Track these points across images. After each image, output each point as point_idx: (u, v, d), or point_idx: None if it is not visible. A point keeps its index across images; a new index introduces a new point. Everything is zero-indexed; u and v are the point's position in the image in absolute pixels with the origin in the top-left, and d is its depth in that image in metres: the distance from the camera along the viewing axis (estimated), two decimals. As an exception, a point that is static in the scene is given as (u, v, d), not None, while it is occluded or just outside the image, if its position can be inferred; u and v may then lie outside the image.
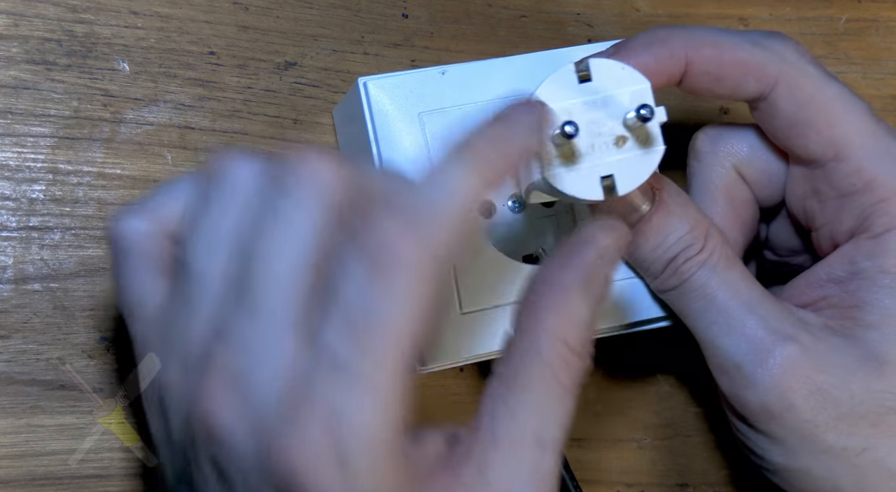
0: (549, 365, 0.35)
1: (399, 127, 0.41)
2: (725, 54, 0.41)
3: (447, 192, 0.33)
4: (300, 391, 0.32)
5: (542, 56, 0.42)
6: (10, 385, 0.41)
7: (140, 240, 0.36)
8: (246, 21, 0.46)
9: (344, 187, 0.33)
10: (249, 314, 0.33)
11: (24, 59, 0.43)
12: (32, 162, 0.43)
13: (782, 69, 0.41)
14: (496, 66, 0.42)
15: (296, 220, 0.33)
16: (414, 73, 0.41)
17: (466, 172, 0.33)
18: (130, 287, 0.36)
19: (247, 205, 0.34)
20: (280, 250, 0.33)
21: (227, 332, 0.33)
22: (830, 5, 0.53)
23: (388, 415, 0.32)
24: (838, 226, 0.42)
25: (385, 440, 0.31)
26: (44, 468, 0.41)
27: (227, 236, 0.34)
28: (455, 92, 0.42)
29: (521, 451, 0.34)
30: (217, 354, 0.33)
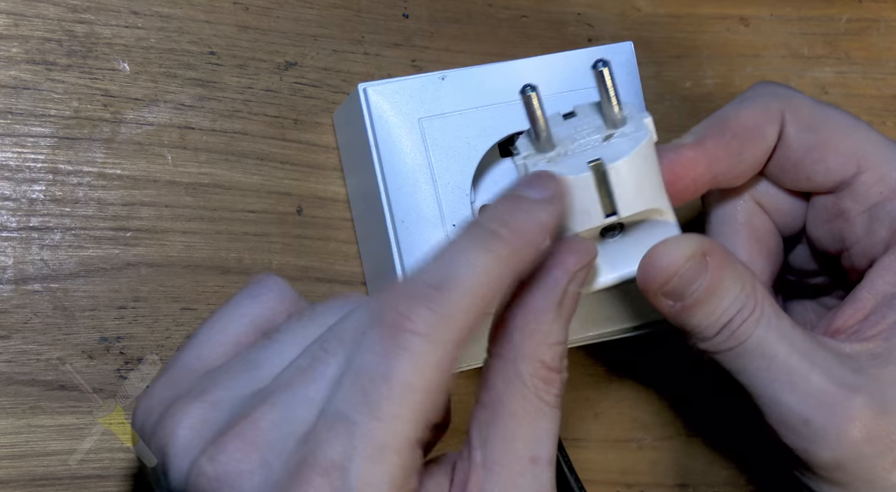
0: (532, 389, 0.36)
1: (399, 133, 0.41)
2: (741, 122, 0.41)
3: (463, 277, 0.33)
4: (311, 444, 0.32)
5: (542, 60, 0.42)
6: (10, 385, 0.41)
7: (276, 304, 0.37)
8: (246, 21, 0.46)
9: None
10: (302, 377, 0.34)
11: (24, 59, 0.43)
12: (32, 162, 0.43)
13: (782, 105, 0.42)
14: (496, 71, 0.42)
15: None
16: (413, 79, 0.41)
17: (486, 257, 0.34)
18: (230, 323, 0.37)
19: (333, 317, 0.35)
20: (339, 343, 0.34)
21: (274, 390, 0.34)
22: (831, 5, 0.53)
23: (393, 473, 0.32)
24: (872, 239, 0.42)
25: (389, 458, 0.32)
26: (44, 468, 0.41)
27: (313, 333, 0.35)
28: (455, 97, 0.42)
29: (519, 474, 0.35)
30: (251, 411, 0.33)
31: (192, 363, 0.36)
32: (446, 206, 0.41)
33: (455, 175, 0.41)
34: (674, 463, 0.49)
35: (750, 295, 0.39)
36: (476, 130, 0.41)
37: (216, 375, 0.35)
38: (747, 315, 0.39)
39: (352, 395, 0.32)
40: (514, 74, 0.42)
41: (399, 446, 0.32)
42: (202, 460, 0.33)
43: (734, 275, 0.39)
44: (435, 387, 0.33)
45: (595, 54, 0.43)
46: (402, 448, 0.32)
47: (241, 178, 0.45)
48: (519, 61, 0.42)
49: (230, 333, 0.37)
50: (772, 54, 0.52)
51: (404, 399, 0.32)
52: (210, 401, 0.34)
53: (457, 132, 0.41)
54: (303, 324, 0.36)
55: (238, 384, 0.35)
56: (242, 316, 0.37)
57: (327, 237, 0.46)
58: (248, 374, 0.35)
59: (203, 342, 0.37)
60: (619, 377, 0.49)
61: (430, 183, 0.41)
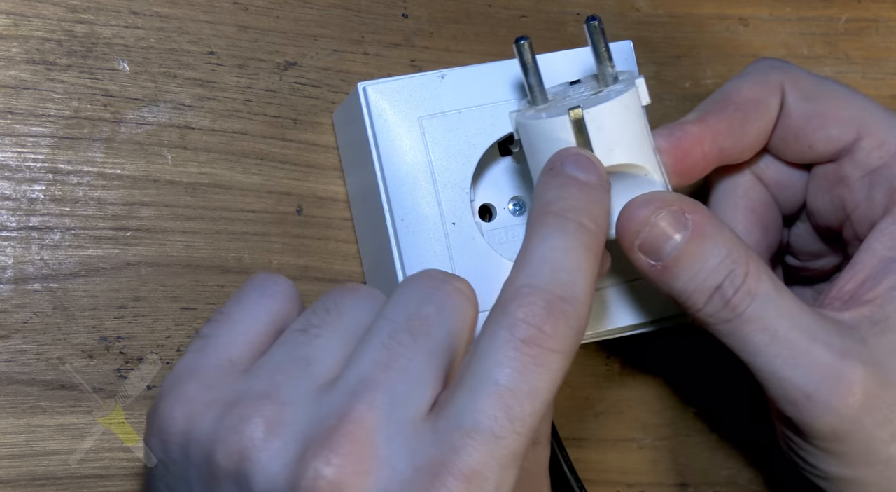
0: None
1: (399, 131, 0.41)
2: (742, 95, 0.42)
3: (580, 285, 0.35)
4: (446, 449, 0.33)
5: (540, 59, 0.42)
6: (10, 385, 0.41)
7: (285, 300, 0.38)
8: (246, 21, 0.46)
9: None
10: (392, 373, 0.34)
11: (24, 59, 0.43)
12: (32, 162, 0.43)
13: (781, 76, 0.42)
14: (495, 70, 0.42)
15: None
16: (413, 78, 0.41)
17: (591, 259, 0.35)
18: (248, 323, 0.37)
19: (376, 306, 0.36)
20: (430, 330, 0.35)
21: (365, 388, 0.34)
22: (830, 5, 0.53)
23: (516, 476, 0.33)
24: (871, 203, 0.42)
25: (513, 470, 0.33)
26: (44, 468, 0.41)
27: (357, 320, 0.36)
28: (454, 96, 0.42)
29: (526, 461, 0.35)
30: (351, 410, 0.33)
31: (225, 365, 0.36)
32: (446, 204, 0.41)
33: (455, 174, 0.41)
34: (674, 463, 0.49)
35: (738, 262, 0.39)
36: (476, 129, 0.41)
37: (268, 374, 0.35)
38: (739, 284, 0.38)
39: (491, 408, 0.33)
40: (513, 73, 0.42)
41: (522, 453, 0.33)
42: (316, 464, 0.32)
43: (718, 237, 0.39)
44: (552, 399, 0.34)
45: None
46: (525, 454, 0.34)
47: (241, 178, 0.45)
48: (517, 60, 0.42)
49: (252, 332, 0.37)
50: (771, 54, 0.52)
51: (541, 415, 0.33)
52: (280, 402, 0.34)
53: (456, 131, 0.41)
54: (333, 318, 0.36)
55: (301, 382, 0.34)
56: (263, 314, 0.37)
57: (327, 237, 0.46)
58: (304, 371, 0.35)
59: (229, 343, 0.36)
60: (620, 377, 0.49)
61: (429, 182, 0.41)
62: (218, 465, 0.34)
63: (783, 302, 0.39)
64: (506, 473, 0.33)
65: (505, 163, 0.44)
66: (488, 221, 0.43)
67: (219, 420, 0.34)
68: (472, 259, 0.40)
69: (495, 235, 0.43)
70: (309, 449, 0.33)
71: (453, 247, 0.40)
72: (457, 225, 0.41)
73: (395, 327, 0.34)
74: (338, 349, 0.35)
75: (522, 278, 0.35)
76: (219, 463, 0.34)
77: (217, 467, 0.34)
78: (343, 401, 0.33)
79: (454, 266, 0.40)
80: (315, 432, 0.33)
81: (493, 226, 0.43)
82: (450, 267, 0.40)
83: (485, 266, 0.41)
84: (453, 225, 0.41)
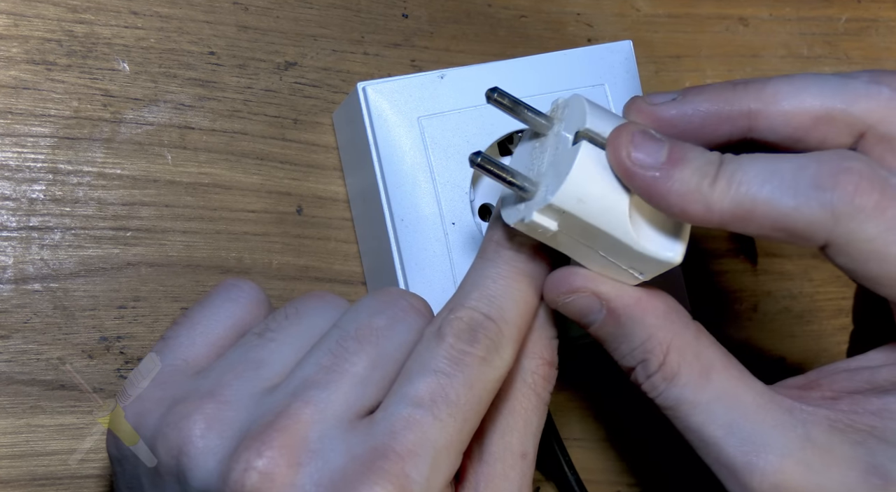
0: (531, 385, 0.38)
1: (398, 132, 0.41)
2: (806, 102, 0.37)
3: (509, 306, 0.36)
4: (380, 437, 0.33)
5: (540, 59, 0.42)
6: (10, 385, 0.41)
7: (247, 306, 0.38)
8: (246, 21, 0.46)
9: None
10: (333, 375, 0.35)
11: (24, 60, 0.43)
12: (32, 162, 0.43)
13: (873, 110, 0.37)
14: (494, 70, 0.42)
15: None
16: (412, 78, 0.41)
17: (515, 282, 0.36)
18: (211, 325, 0.38)
19: (335, 311, 0.37)
20: (377, 340, 0.36)
21: (305, 389, 0.34)
22: (830, 5, 0.53)
23: (451, 469, 0.34)
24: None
25: (452, 459, 0.34)
26: (44, 468, 0.41)
27: (313, 327, 0.37)
28: (454, 96, 0.42)
29: (510, 467, 0.37)
30: (288, 408, 0.34)
31: (180, 365, 0.37)
32: (445, 204, 0.41)
33: (454, 173, 0.41)
34: (673, 463, 0.49)
35: (654, 352, 0.37)
36: (475, 129, 0.41)
37: (218, 375, 0.36)
38: (652, 371, 0.37)
39: (427, 391, 0.34)
40: (512, 73, 0.42)
41: (460, 448, 0.34)
42: (248, 455, 0.33)
43: (635, 325, 0.37)
44: (487, 405, 0.35)
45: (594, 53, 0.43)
46: (460, 451, 0.34)
47: (241, 178, 0.45)
48: (518, 60, 0.42)
49: (212, 334, 0.38)
50: (771, 54, 0.52)
51: (472, 409, 0.34)
52: (222, 400, 0.35)
53: (456, 131, 0.41)
54: (291, 323, 0.37)
55: (247, 383, 0.35)
56: (224, 318, 0.38)
57: (327, 237, 0.46)
58: (253, 372, 0.35)
59: (187, 345, 0.37)
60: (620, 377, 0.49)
61: (429, 182, 0.41)
62: (160, 460, 0.35)
63: (702, 396, 0.37)
64: (441, 458, 0.33)
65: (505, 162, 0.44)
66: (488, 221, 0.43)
67: (162, 417, 0.35)
68: (471, 259, 0.40)
69: None
70: (243, 443, 0.33)
71: (453, 247, 0.40)
72: (457, 225, 0.41)
73: (344, 335, 0.35)
74: (290, 354, 0.36)
75: (453, 301, 0.36)
76: (160, 459, 0.35)
77: (159, 462, 0.35)
78: (283, 400, 0.34)
79: (454, 266, 0.40)
80: (252, 428, 0.34)
81: None
82: (449, 267, 0.40)
83: None
84: (453, 225, 0.41)
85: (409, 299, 0.36)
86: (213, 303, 0.38)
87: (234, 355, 0.36)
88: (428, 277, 0.40)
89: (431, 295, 0.40)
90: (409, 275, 0.40)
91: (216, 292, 0.39)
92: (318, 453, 0.33)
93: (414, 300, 0.37)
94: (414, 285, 0.40)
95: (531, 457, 0.37)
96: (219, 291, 0.39)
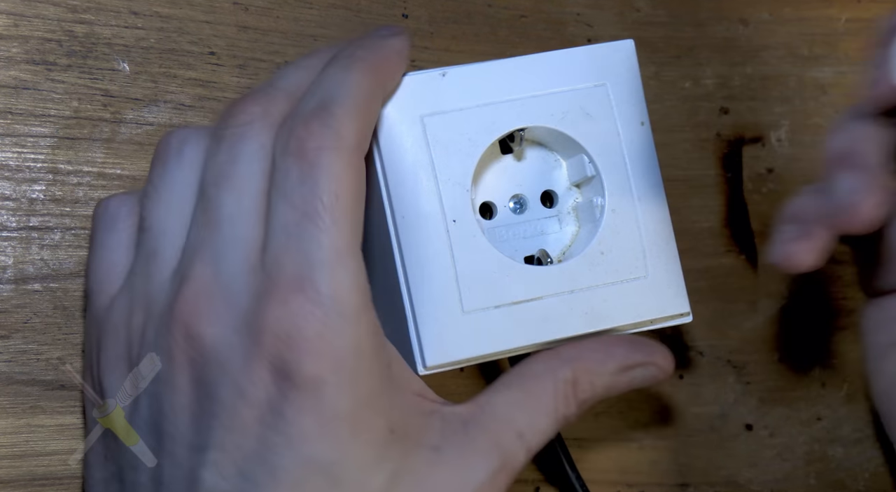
0: (554, 389, 0.39)
1: (400, 130, 0.41)
2: None
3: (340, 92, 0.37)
4: (270, 268, 0.35)
5: (544, 57, 0.42)
6: (10, 385, 0.41)
7: (122, 218, 0.40)
8: (246, 21, 0.46)
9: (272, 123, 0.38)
10: (212, 228, 0.37)
11: (24, 60, 0.43)
12: (32, 162, 0.43)
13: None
14: (497, 68, 0.42)
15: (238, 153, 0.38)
16: (414, 76, 0.41)
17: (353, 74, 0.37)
18: (102, 261, 0.40)
19: (192, 164, 0.39)
20: (230, 176, 0.37)
21: (195, 253, 0.37)
22: (830, 5, 0.53)
23: (355, 273, 0.35)
24: None
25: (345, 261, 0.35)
26: (44, 468, 0.41)
27: (180, 191, 0.38)
28: (456, 94, 0.42)
29: (503, 434, 0.37)
30: (187, 275, 0.36)
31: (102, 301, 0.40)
32: (447, 201, 0.41)
33: (455, 171, 0.41)
34: (674, 463, 0.49)
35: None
36: (477, 127, 0.41)
37: (129, 283, 0.39)
38: None
39: (291, 216, 0.35)
40: (515, 71, 0.42)
41: (350, 250, 0.35)
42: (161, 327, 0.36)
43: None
44: (354, 191, 0.36)
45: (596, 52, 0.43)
46: (352, 251, 0.35)
47: (241, 178, 0.45)
48: (520, 58, 0.42)
49: (118, 265, 0.40)
50: (771, 54, 0.52)
51: (337, 206, 0.35)
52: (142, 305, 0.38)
53: (458, 129, 0.41)
54: (160, 200, 0.39)
55: (153, 276, 0.38)
56: (117, 246, 0.40)
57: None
58: (154, 266, 0.38)
59: (100, 281, 0.40)
60: (619, 377, 0.49)
61: (431, 179, 0.41)
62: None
63: None
64: (336, 269, 0.35)
65: (506, 161, 0.44)
66: (489, 219, 0.43)
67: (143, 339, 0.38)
68: (472, 256, 0.40)
69: (496, 233, 0.43)
70: (159, 329, 0.37)
71: (454, 244, 0.40)
72: (457, 222, 0.41)
73: (203, 186, 0.38)
74: (177, 227, 0.39)
75: (263, 89, 0.38)
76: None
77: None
78: (182, 271, 0.37)
79: (455, 262, 0.40)
80: (163, 309, 0.37)
81: (494, 224, 0.43)
82: (451, 263, 0.40)
83: (486, 263, 0.41)
84: (454, 222, 0.41)
85: (242, 107, 0.38)
86: (99, 242, 0.41)
87: (135, 264, 0.39)
88: (428, 273, 0.40)
89: (432, 292, 0.40)
90: (410, 271, 0.40)
91: (96, 230, 0.41)
92: (225, 300, 0.36)
93: (248, 105, 0.38)
94: (415, 282, 0.40)
95: (527, 444, 0.38)
96: (97, 227, 0.41)
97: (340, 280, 0.35)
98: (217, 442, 0.35)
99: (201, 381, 0.36)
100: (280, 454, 0.35)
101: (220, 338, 0.35)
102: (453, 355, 0.40)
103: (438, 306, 0.40)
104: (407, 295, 0.40)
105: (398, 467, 0.36)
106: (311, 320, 0.34)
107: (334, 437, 0.35)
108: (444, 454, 0.36)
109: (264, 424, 0.35)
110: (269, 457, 0.35)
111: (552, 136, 0.43)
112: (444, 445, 0.37)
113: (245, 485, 0.35)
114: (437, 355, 0.40)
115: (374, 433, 0.35)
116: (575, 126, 0.42)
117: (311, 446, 0.35)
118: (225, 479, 0.35)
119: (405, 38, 0.40)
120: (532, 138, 0.43)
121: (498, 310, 0.40)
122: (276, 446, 0.35)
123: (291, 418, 0.34)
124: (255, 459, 0.35)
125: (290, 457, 0.35)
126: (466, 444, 0.37)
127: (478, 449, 0.37)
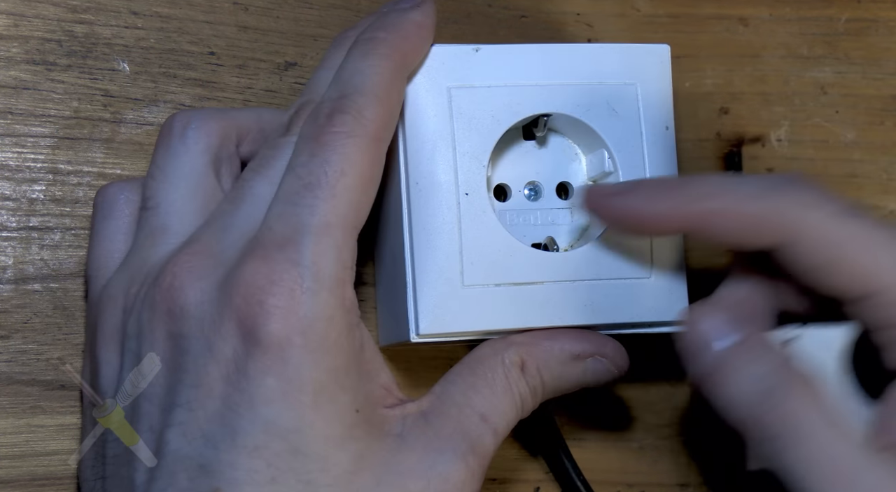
0: (507, 373, 0.39)
1: (426, 98, 0.41)
2: (733, 208, 0.38)
3: (360, 81, 0.38)
4: (262, 230, 0.36)
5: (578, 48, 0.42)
6: (10, 385, 0.41)
7: (120, 205, 0.40)
8: (246, 21, 0.46)
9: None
10: (235, 203, 0.38)
11: (24, 60, 0.43)
12: (32, 162, 0.43)
13: (799, 217, 0.37)
14: (529, 52, 0.42)
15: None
16: (447, 47, 0.41)
17: (373, 60, 0.38)
18: (100, 248, 0.40)
19: (196, 146, 0.40)
20: (267, 164, 0.38)
21: (207, 224, 0.38)
22: (830, 5, 0.53)
23: (339, 247, 0.36)
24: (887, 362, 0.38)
25: (334, 233, 0.35)
26: (44, 468, 0.41)
27: (187, 172, 0.39)
28: (486, 71, 0.42)
29: (466, 419, 0.37)
30: (192, 239, 0.37)
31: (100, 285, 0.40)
32: (462, 174, 0.41)
33: (475, 145, 0.41)
34: (674, 463, 0.49)
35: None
36: (502, 106, 0.41)
37: (129, 259, 0.40)
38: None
39: (293, 185, 0.36)
40: (547, 57, 0.42)
41: (342, 225, 0.36)
42: (151, 283, 0.37)
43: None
44: (362, 174, 0.36)
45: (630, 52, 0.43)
46: (345, 227, 0.36)
47: (241, 178, 0.45)
48: (554, 45, 0.42)
49: (116, 251, 0.40)
50: (771, 54, 0.52)
51: (340, 182, 0.35)
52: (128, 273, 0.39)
53: (483, 105, 0.41)
54: (159, 181, 0.40)
55: (145, 251, 0.39)
56: (116, 233, 0.40)
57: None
58: (159, 239, 0.39)
59: (98, 267, 0.41)
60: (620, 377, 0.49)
61: (450, 150, 0.41)
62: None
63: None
64: (321, 238, 0.35)
65: (527, 146, 0.44)
66: (502, 201, 0.43)
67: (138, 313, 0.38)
68: (479, 231, 0.40)
69: (506, 216, 0.43)
70: (147, 289, 0.37)
71: (463, 217, 0.40)
72: (470, 196, 0.41)
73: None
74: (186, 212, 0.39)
75: (302, 97, 0.40)
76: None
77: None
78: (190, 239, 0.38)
79: (462, 234, 0.40)
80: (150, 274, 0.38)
81: (506, 207, 0.43)
82: (457, 235, 0.40)
83: (492, 240, 0.41)
84: (466, 195, 0.41)
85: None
86: (99, 230, 0.41)
87: (136, 242, 0.39)
88: (434, 242, 0.40)
89: (435, 260, 0.40)
90: (416, 238, 0.40)
91: (96, 217, 0.42)
92: (218, 260, 0.36)
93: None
94: (419, 249, 0.40)
95: (493, 427, 0.38)
96: (97, 215, 0.42)
97: (324, 249, 0.35)
98: (184, 400, 0.35)
99: (177, 334, 0.36)
100: (241, 415, 0.34)
101: (201, 293, 0.36)
102: (447, 327, 0.40)
103: (439, 276, 0.40)
104: (410, 261, 0.40)
105: (363, 449, 0.35)
106: (285, 278, 0.34)
107: (297, 403, 0.34)
108: (409, 442, 0.36)
109: (229, 382, 0.34)
110: (231, 418, 0.34)
111: (575, 126, 0.43)
112: (407, 434, 0.36)
113: (206, 449, 0.34)
114: (432, 325, 0.40)
115: (339, 408, 0.35)
116: (599, 120, 0.42)
117: (273, 409, 0.34)
118: (189, 442, 0.34)
119: (427, 9, 0.40)
120: (555, 127, 0.43)
121: (498, 288, 0.40)
122: (238, 406, 0.34)
123: (254, 377, 0.34)
124: (217, 420, 0.34)
125: (250, 418, 0.34)
126: (430, 432, 0.37)
127: (442, 436, 0.37)
